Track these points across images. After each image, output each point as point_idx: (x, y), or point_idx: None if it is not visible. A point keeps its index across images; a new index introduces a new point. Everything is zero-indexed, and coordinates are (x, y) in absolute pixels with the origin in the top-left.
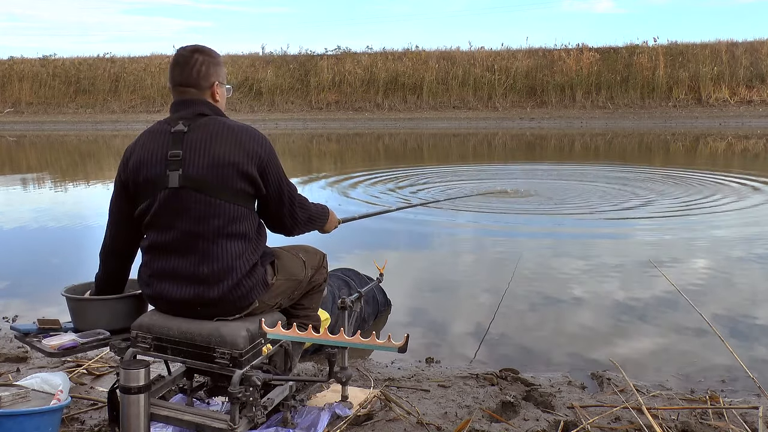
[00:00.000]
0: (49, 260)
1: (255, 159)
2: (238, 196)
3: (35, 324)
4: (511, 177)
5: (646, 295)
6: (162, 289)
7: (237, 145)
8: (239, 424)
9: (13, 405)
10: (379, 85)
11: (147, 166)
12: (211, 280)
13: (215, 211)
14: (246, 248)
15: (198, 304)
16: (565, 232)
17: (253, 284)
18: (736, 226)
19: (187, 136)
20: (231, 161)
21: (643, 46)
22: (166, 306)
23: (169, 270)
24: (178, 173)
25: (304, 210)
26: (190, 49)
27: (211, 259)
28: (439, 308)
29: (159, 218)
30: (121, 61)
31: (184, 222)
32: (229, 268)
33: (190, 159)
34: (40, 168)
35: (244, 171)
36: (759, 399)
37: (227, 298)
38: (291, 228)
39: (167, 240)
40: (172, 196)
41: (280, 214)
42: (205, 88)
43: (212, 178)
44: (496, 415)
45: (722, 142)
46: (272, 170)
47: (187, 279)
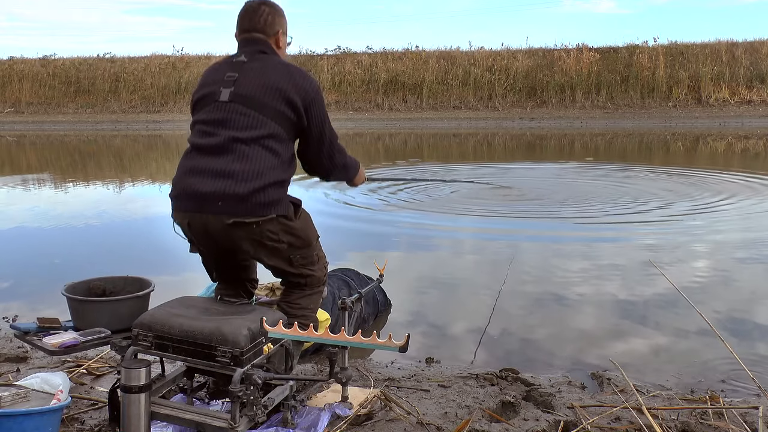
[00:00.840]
0: (50, 260)
1: (301, 92)
2: (279, 118)
3: (35, 323)
4: (513, 176)
5: (646, 294)
6: (190, 183)
7: (288, 77)
8: (240, 423)
9: (13, 405)
10: (379, 85)
11: (206, 85)
12: (241, 177)
13: (256, 123)
14: (278, 165)
15: (221, 198)
16: (566, 232)
17: (278, 198)
18: (738, 227)
19: (245, 65)
20: (279, 87)
21: (643, 46)
22: (188, 201)
23: (201, 167)
24: (230, 90)
25: (342, 156)
26: (258, 1)
27: (245, 159)
28: (439, 308)
29: (206, 125)
30: (121, 61)
31: (227, 130)
32: (260, 172)
33: (243, 80)
34: (40, 168)
35: (289, 98)
36: (759, 399)
37: (251, 199)
38: (328, 169)
39: (209, 143)
40: (220, 108)
41: (320, 153)
42: (270, 35)
43: (259, 96)
44: (496, 415)
45: (722, 142)
46: (316, 108)
47: (217, 174)
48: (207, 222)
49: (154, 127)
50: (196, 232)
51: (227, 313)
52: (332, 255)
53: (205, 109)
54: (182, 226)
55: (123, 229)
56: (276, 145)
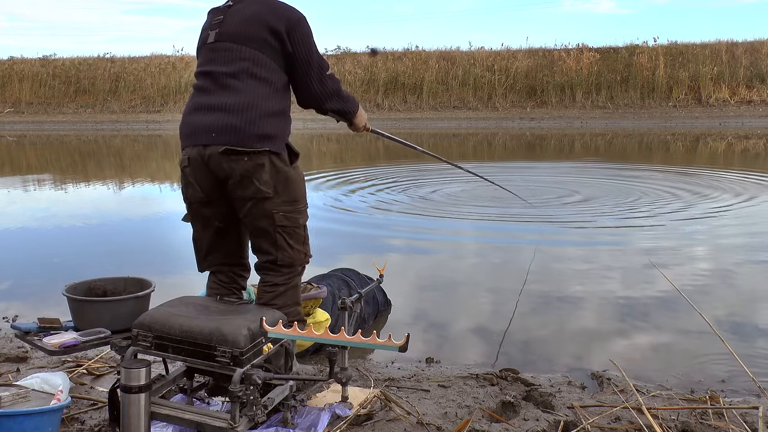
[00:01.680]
0: (50, 260)
1: (283, 20)
2: (263, 46)
3: (36, 323)
4: (519, 177)
5: (646, 295)
6: (187, 121)
7: (270, 9)
8: (239, 423)
9: (13, 405)
10: (379, 85)
11: (201, 35)
12: (234, 109)
13: (242, 55)
14: (271, 93)
15: (214, 130)
16: (566, 233)
17: (272, 133)
18: (739, 226)
19: (231, 8)
20: (261, 17)
21: (643, 46)
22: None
23: (200, 103)
24: (216, 31)
25: (334, 82)
26: None
27: (236, 91)
28: (439, 308)
29: (201, 67)
30: (121, 61)
31: (217, 67)
32: (253, 102)
33: (227, 19)
34: (40, 168)
35: (270, 26)
36: (759, 399)
37: (245, 130)
38: (320, 95)
39: (204, 84)
40: (210, 49)
41: (309, 79)
42: None
43: (242, 29)
44: (496, 415)
45: (722, 142)
46: (300, 34)
47: (212, 108)
48: (203, 154)
49: (154, 127)
50: (194, 169)
51: (227, 313)
52: (333, 255)
53: (200, 54)
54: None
55: (123, 229)
56: (265, 73)
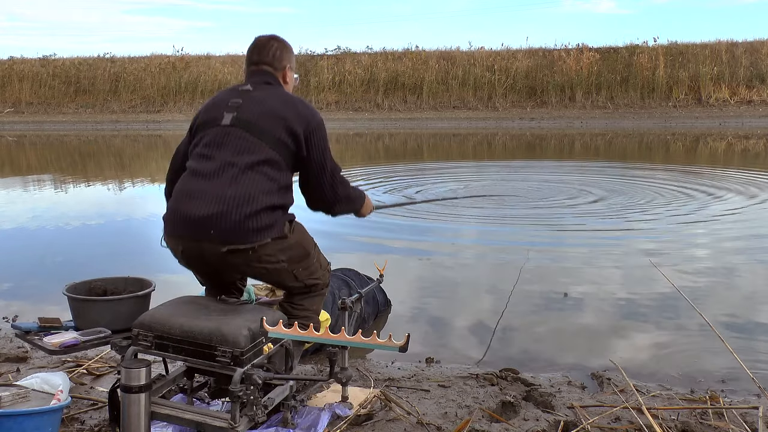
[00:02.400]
0: (50, 260)
1: (303, 122)
2: (278, 145)
3: (36, 322)
4: (529, 177)
5: (646, 295)
6: (183, 206)
7: (291, 107)
8: (240, 423)
9: (13, 405)
10: (379, 85)
11: (210, 110)
12: (232, 203)
13: (253, 148)
14: (273, 189)
15: (213, 226)
16: (567, 233)
17: (271, 222)
18: (739, 226)
19: (250, 93)
20: (281, 115)
21: (643, 46)
22: (180, 226)
23: (196, 190)
24: (233, 114)
25: (344, 187)
26: (268, 36)
27: (238, 184)
28: (439, 308)
29: (205, 148)
30: (121, 61)
31: (224, 153)
32: (253, 197)
33: (247, 106)
34: (40, 168)
35: (289, 127)
36: (759, 399)
37: (243, 225)
38: (331, 202)
39: (205, 167)
40: (221, 132)
41: (322, 185)
42: (278, 69)
43: (260, 122)
44: (496, 415)
45: (722, 142)
46: (317, 138)
47: (210, 199)
48: (202, 249)
49: (154, 127)
50: (190, 258)
51: (227, 313)
52: (333, 255)
53: (207, 131)
54: (175, 253)
55: (123, 229)
56: (272, 171)
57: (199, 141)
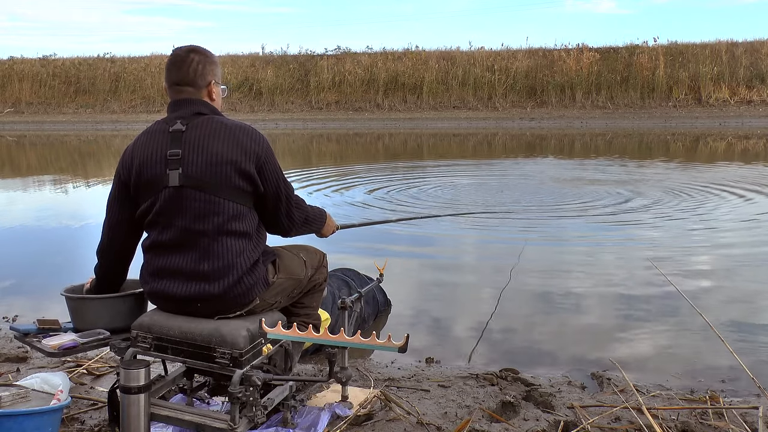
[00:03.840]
0: (50, 260)
1: (252, 157)
2: (237, 194)
3: (35, 324)
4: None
5: (646, 295)
6: (163, 286)
7: (235, 144)
8: (239, 423)
9: (13, 405)
10: (379, 85)
11: (147, 167)
12: (212, 277)
13: (215, 209)
14: (246, 246)
15: (198, 300)
16: (568, 233)
17: (254, 282)
18: (738, 227)
19: (185, 135)
20: (229, 159)
21: (643, 46)
22: (167, 304)
23: (169, 268)
24: (178, 172)
25: (300, 210)
26: (186, 48)
27: (211, 256)
28: (439, 308)
29: (160, 217)
30: (121, 61)
31: (184, 220)
32: (230, 265)
33: (189, 158)
34: (40, 168)
35: (242, 169)
36: (759, 399)
37: (228, 295)
38: (287, 228)
39: (168, 238)
40: (173, 195)
41: (277, 213)
42: (201, 87)
43: (211, 176)
44: (496, 415)
45: (723, 142)
46: (270, 168)
47: (187, 276)
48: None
49: None
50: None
51: None
52: (333, 256)
53: (154, 196)
54: None
55: None
56: (239, 225)
57: (148, 208)
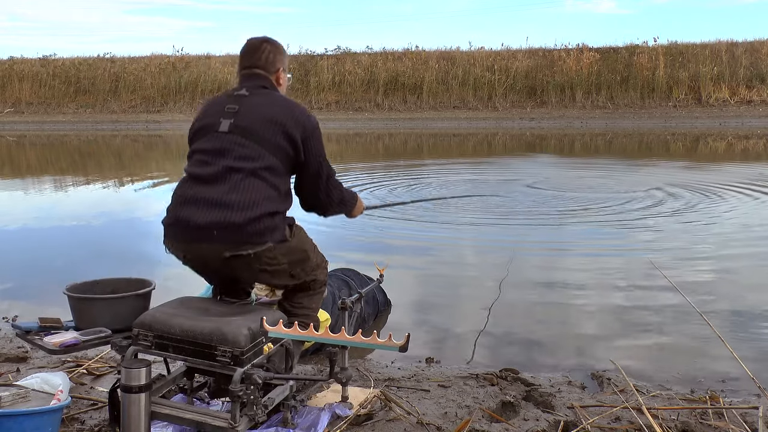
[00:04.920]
0: (51, 260)
1: (300, 128)
2: (277, 151)
3: (36, 322)
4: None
5: (646, 295)
6: (186, 213)
7: (288, 113)
8: (240, 422)
9: (13, 405)
10: (379, 85)
11: (207, 116)
12: (236, 207)
13: (254, 155)
14: (274, 196)
15: (216, 228)
16: (566, 232)
17: (273, 226)
18: (738, 226)
19: (246, 98)
20: (279, 121)
21: (643, 46)
22: (184, 232)
23: (198, 196)
24: (230, 121)
25: (338, 191)
26: (260, 39)
27: (241, 190)
28: (439, 308)
29: (204, 155)
30: (121, 61)
31: (225, 159)
32: (256, 202)
33: (244, 112)
34: (41, 168)
35: (288, 133)
36: (759, 399)
37: (246, 228)
38: (325, 205)
39: (205, 172)
40: (219, 138)
41: (317, 189)
42: (271, 72)
43: (259, 129)
44: (496, 415)
45: (723, 142)
46: (314, 144)
47: (212, 204)
48: (203, 254)
49: (154, 127)
50: (193, 263)
51: (227, 313)
52: (333, 256)
53: (204, 138)
54: (177, 257)
55: (124, 229)
56: (272, 177)
57: (197, 147)
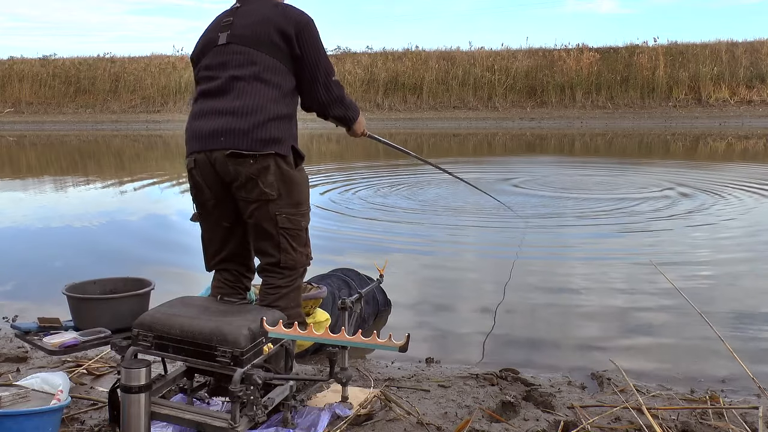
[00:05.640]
0: (50, 260)
1: (293, 23)
2: (273, 49)
3: (36, 323)
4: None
5: (646, 294)
6: (195, 126)
7: (280, 12)
8: (240, 423)
9: (13, 405)
10: (379, 85)
11: (206, 36)
12: (241, 112)
13: (253, 59)
14: (279, 96)
15: (223, 133)
16: (567, 232)
17: (279, 136)
18: (739, 227)
19: (239, 9)
20: (271, 21)
21: (643, 46)
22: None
23: (207, 109)
24: (227, 33)
25: (339, 88)
26: None
27: (244, 95)
28: (439, 308)
29: (209, 70)
30: (121, 61)
31: (227, 70)
32: (261, 106)
33: (238, 22)
34: (41, 168)
35: (280, 28)
36: (759, 399)
37: (252, 134)
38: (325, 101)
39: (212, 87)
40: (220, 51)
41: (316, 83)
42: None
43: (253, 32)
44: (496, 415)
45: (723, 142)
46: (308, 37)
47: (219, 113)
48: (210, 157)
49: (154, 127)
50: (201, 171)
51: (227, 313)
52: (332, 256)
53: (207, 55)
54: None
55: (123, 229)
56: (274, 77)
57: (201, 67)
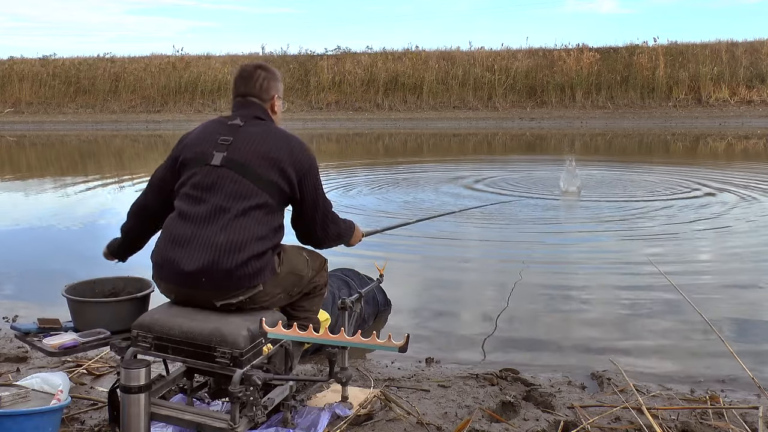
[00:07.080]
0: (50, 261)
1: (297, 165)
2: (271, 188)
3: (35, 323)
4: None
5: (646, 295)
6: (174, 254)
7: (285, 147)
8: (239, 423)
9: (13, 405)
10: (379, 85)
11: (197, 145)
12: (224, 249)
13: (247, 193)
14: (264, 234)
15: (205, 275)
16: (567, 232)
17: (262, 266)
18: (739, 227)
19: (241, 129)
20: (274, 156)
21: (643, 46)
22: (172, 275)
23: (186, 236)
24: (223, 154)
25: (335, 225)
26: (254, 65)
27: (229, 230)
28: (439, 308)
29: (195, 190)
30: (121, 61)
31: (216, 196)
32: (245, 243)
33: (237, 145)
34: (41, 168)
35: (283, 169)
36: (759, 399)
37: (235, 274)
38: (321, 240)
39: (195, 211)
40: (211, 172)
41: (313, 224)
42: (266, 100)
43: (253, 164)
44: (496, 415)
45: (723, 142)
46: (311, 181)
47: (201, 246)
48: (194, 299)
49: (154, 127)
50: (185, 304)
51: (227, 314)
52: (333, 256)
53: (195, 170)
54: (167, 296)
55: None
56: (264, 216)
57: (186, 180)
